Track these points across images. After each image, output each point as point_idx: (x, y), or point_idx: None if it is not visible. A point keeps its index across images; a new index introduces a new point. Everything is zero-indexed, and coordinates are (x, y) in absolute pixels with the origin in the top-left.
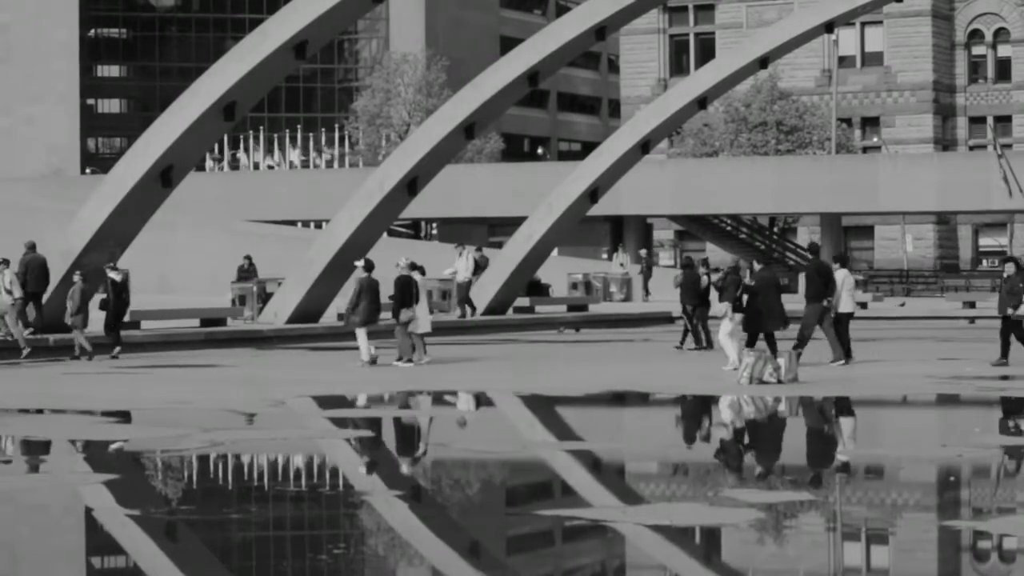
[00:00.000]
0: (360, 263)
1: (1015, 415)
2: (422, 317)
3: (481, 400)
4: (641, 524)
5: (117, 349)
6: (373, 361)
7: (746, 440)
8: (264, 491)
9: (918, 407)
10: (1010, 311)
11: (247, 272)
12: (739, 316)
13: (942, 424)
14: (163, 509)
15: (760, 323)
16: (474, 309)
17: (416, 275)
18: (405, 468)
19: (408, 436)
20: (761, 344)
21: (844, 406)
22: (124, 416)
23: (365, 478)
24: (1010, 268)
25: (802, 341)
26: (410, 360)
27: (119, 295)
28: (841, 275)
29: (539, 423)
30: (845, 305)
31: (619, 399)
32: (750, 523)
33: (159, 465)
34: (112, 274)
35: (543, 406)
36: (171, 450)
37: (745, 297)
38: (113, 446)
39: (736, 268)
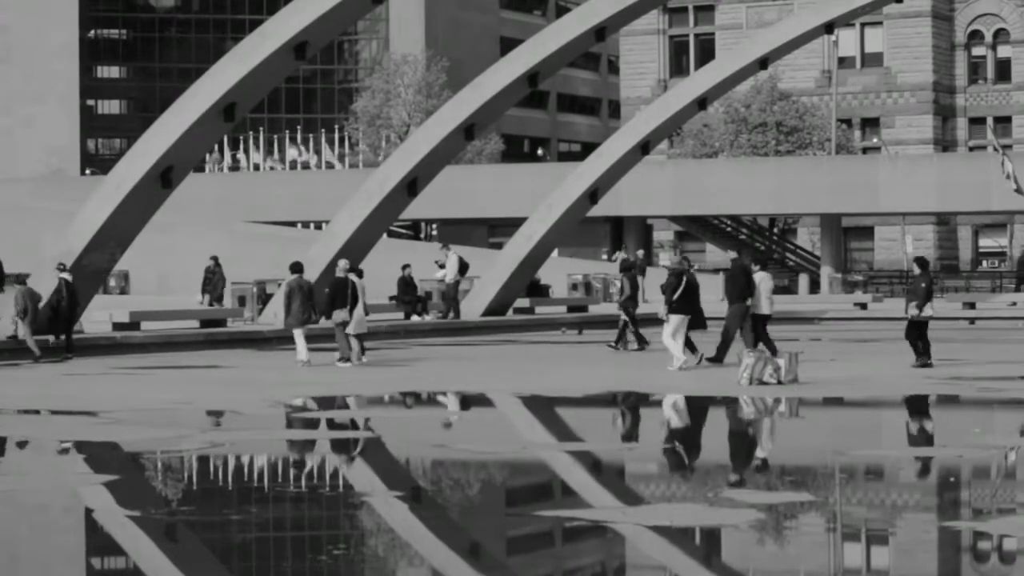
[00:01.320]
0: (340, 263)
1: (917, 416)
2: (356, 319)
3: (481, 401)
4: (641, 524)
5: (68, 354)
6: (306, 362)
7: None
8: (264, 492)
9: (917, 407)
10: (911, 312)
11: (213, 273)
12: (676, 317)
13: (942, 424)
14: (163, 510)
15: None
16: (457, 313)
17: (353, 277)
18: (404, 468)
19: (406, 436)
20: (761, 344)
21: (771, 404)
22: (124, 416)
23: (365, 478)
24: (917, 269)
25: (726, 342)
26: (348, 360)
27: (71, 297)
28: (759, 277)
29: (539, 423)
30: (763, 307)
31: (619, 400)
32: (750, 523)
33: (159, 466)
34: (64, 275)
35: (543, 406)
36: (171, 451)
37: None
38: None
39: (680, 271)
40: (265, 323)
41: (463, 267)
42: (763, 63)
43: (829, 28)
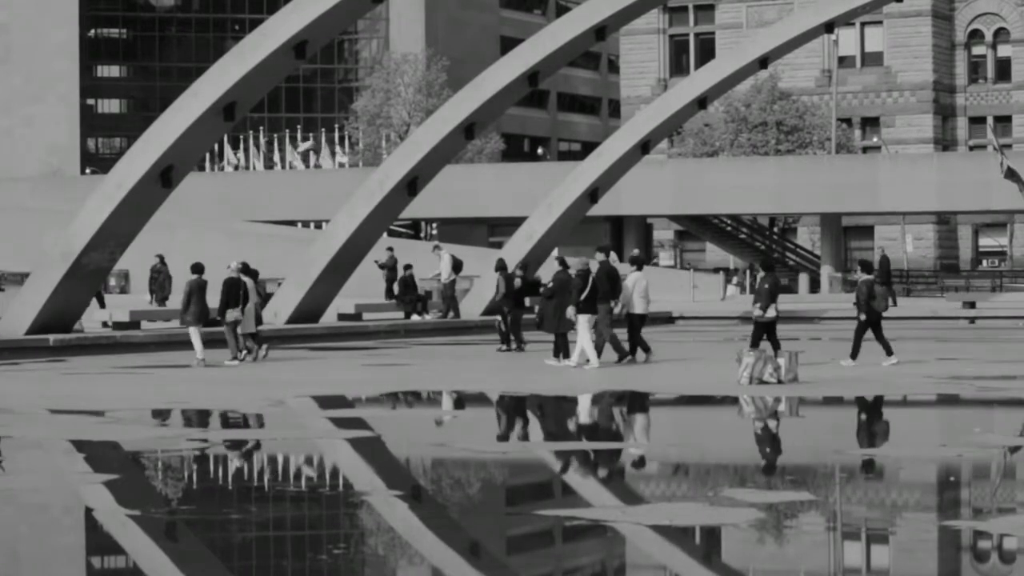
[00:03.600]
0: (232, 263)
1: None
2: (248, 318)
3: (481, 400)
4: (641, 524)
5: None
6: (202, 361)
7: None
8: (264, 491)
9: (918, 407)
10: (756, 313)
11: (159, 272)
12: (584, 317)
13: (942, 424)
14: (163, 509)
15: (543, 324)
16: (457, 312)
17: (245, 277)
18: (404, 468)
19: (406, 435)
20: (763, 344)
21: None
22: (124, 416)
23: (365, 478)
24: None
25: (611, 341)
26: (236, 358)
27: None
28: (634, 278)
29: (539, 423)
30: (637, 307)
31: (619, 399)
32: (750, 523)
33: (159, 465)
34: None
35: (542, 406)
36: (171, 450)
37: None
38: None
39: (585, 272)
40: (265, 322)
41: (456, 266)
42: (763, 62)
43: (829, 27)
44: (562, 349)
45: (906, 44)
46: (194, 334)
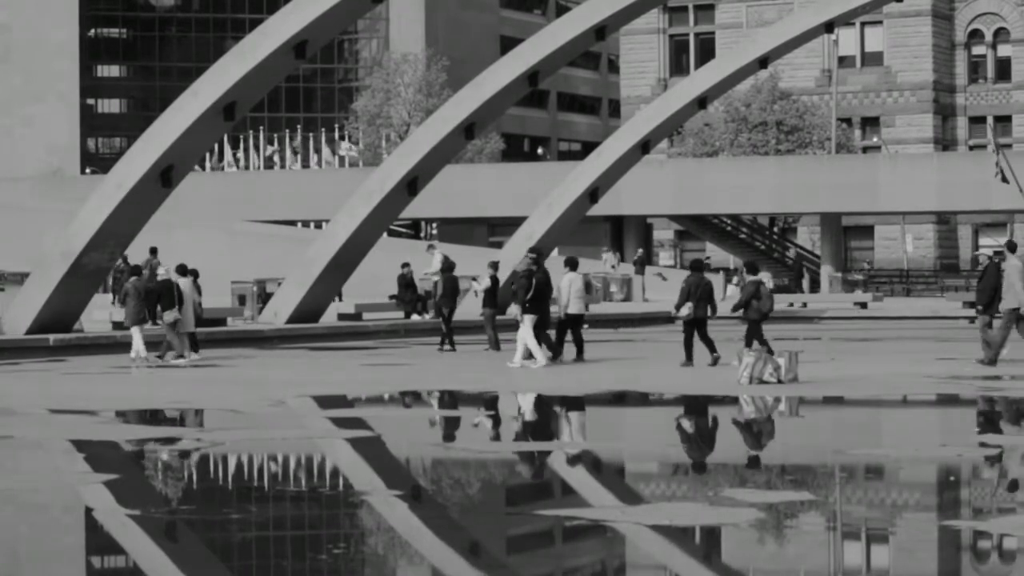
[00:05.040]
0: (161, 269)
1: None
2: (187, 317)
3: (482, 400)
4: (641, 523)
5: None
6: (144, 360)
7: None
8: (264, 491)
9: (918, 407)
10: (672, 311)
11: (122, 272)
12: (530, 317)
13: (942, 424)
14: (163, 509)
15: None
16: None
17: (179, 278)
18: (403, 467)
19: (406, 435)
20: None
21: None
22: (124, 416)
23: (365, 478)
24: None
25: (547, 341)
26: (182, 356)
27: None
28: (569, 278)
29: (538, 423)
30: (573, 307)
31: (619, 399)
32: (750, 523)
33: (159, 465)
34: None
35: (543, 406)
36: (171, 450)
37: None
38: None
39: (529, 272)
40: (265, 322)
41: (448, 268)
42: (763, 62)
43: (829, 27)
44: (550, 348)
45: (906, 44)
46: (135, 333)
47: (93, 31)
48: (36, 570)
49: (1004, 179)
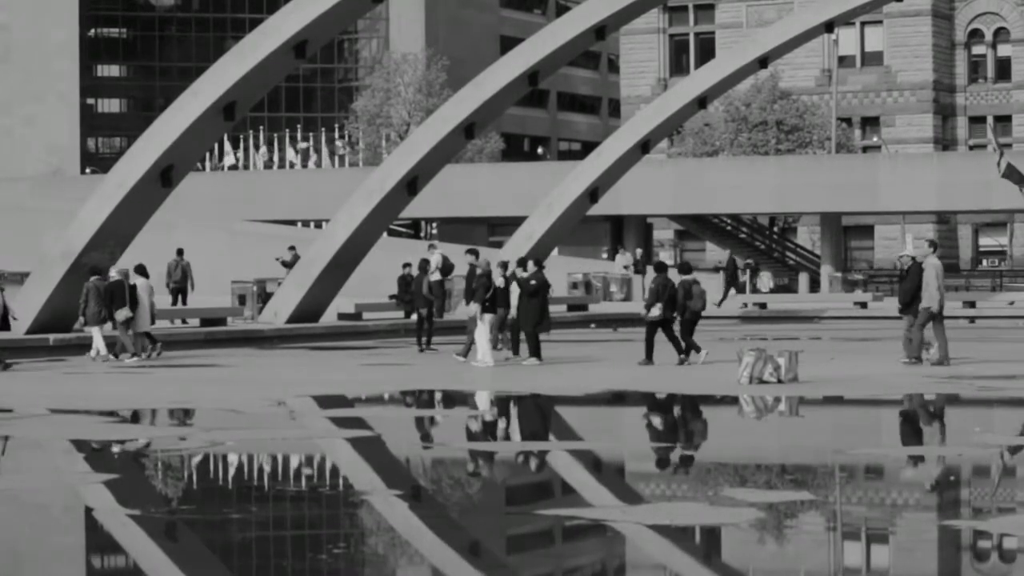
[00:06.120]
0: (113, 270)
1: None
2: (141, 317)
3: (481, 400)
4: (641, 523)
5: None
6: (105, 358)
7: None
8: (264, 491)
9: (918, 407)
10: (643, 312)
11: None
12: (489, 316)
13: (942, 423)
14: (163, 509)
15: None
16: (440, 313)
17: (138, 278)
18: (403, 467)
19: (406, 435)
20: (761, 344)
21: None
22: (124, 416)
23: (365, 478)
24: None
25: (471, 343)
26: (136, 355)
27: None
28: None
29: (539, 423)
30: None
31: (619, 399)
32: (750, 523)
33: (159, 465)
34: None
35: (543, 406)
36: (171, 450)
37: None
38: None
39: (488, 272)
40: (265, 322)
41: (446, 268)
42: (763, 62)
43: (829, 27)
44: (531, 348)
45: (906, 44)
46: (95, 332)
47: (93, 31)
48: (36, 570)
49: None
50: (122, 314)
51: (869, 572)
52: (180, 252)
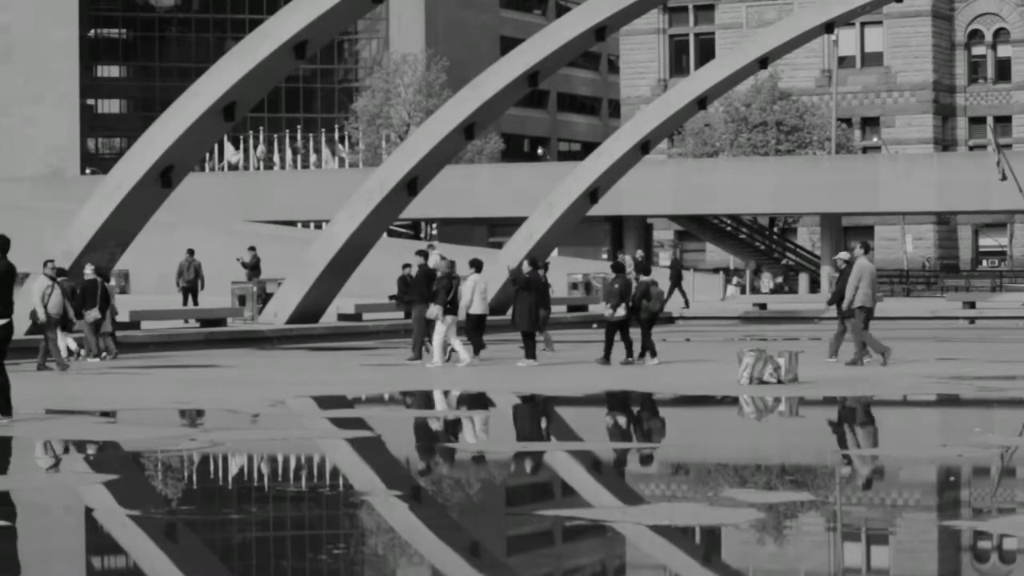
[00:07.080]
0: (87, 267)
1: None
2: (109, 318)
3: (482, 400)
4: (641, 523)
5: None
6: (71, 356)
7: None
8: (264, 491)
9: (918, 407)
10: (607, 312)
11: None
12: (451, 318)
13: (942, 424)
14: (163, 509)
15: (514, 321)
16: None
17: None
18: (403, 467)
19: (406, 435)
20: (761, 344)
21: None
22: (124, 416)
23: (365, 478)
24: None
25: (419, 342)
26: (99, 356)
27: None
28: (473, 279)
29: (539, 423)
30: (475, 307)
31: (619, 399)
32: (750, 523)
33: (159, 465)
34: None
35: (543, 406)
36: (171, 450)
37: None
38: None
39: (450, 274)
40: (265, 322)
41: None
42: (763, 62)
43: (829, 27)
44: (528, 350)
45: (906, 44)
46: (59, 335)
47: (93, 31)
48: (36, 570)
49: (1003, 176)
50: (91, 315)
51: (869, 572)
52: (191, 252)
